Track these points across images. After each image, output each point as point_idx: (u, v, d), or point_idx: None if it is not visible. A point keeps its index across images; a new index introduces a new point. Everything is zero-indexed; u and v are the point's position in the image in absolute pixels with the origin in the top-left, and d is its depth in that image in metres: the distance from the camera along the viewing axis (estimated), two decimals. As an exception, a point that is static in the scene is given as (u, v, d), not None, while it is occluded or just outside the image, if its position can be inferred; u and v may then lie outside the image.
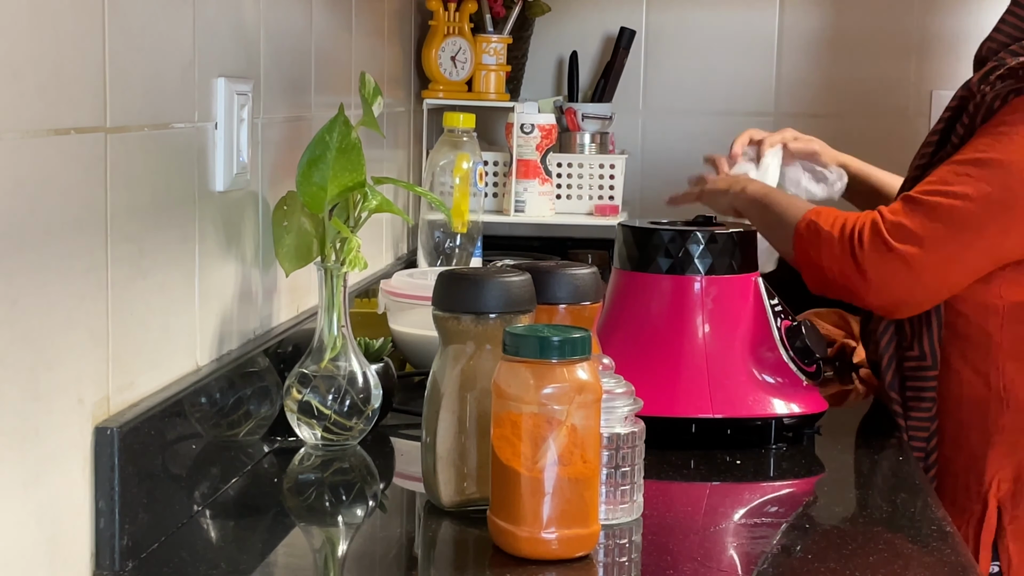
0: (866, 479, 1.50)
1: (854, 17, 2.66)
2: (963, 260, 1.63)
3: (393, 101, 2.29)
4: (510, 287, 1.26)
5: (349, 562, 1.23)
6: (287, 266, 1.47)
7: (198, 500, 1.27)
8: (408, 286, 1.80)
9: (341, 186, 1.42)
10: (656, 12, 2.73)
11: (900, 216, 1.63)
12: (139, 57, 1.17)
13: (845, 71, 2.66)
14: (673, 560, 1.20)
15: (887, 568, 1.19)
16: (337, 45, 1.87)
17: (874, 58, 2.65)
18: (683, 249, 1.59)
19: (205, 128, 1.34)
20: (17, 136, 0.96)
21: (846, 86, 2.66)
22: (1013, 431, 1.68)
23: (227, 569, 1.16)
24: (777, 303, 1.62)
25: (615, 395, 1.26)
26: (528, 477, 1.14)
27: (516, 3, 2.52)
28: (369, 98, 1.51)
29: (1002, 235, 1.62)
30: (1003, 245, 1.63)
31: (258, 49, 1.49)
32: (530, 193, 2.45)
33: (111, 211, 1.12)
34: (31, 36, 0.97)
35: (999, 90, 1.64)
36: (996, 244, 1.62)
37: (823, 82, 2.66)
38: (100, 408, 1.11)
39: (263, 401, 1.45)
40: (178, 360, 1.29)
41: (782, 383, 1.58)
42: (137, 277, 1.18)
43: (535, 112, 2.45)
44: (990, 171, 1.61)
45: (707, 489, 1.47)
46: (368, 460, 1.48)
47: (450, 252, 2.15)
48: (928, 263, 1.62)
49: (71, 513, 1.07)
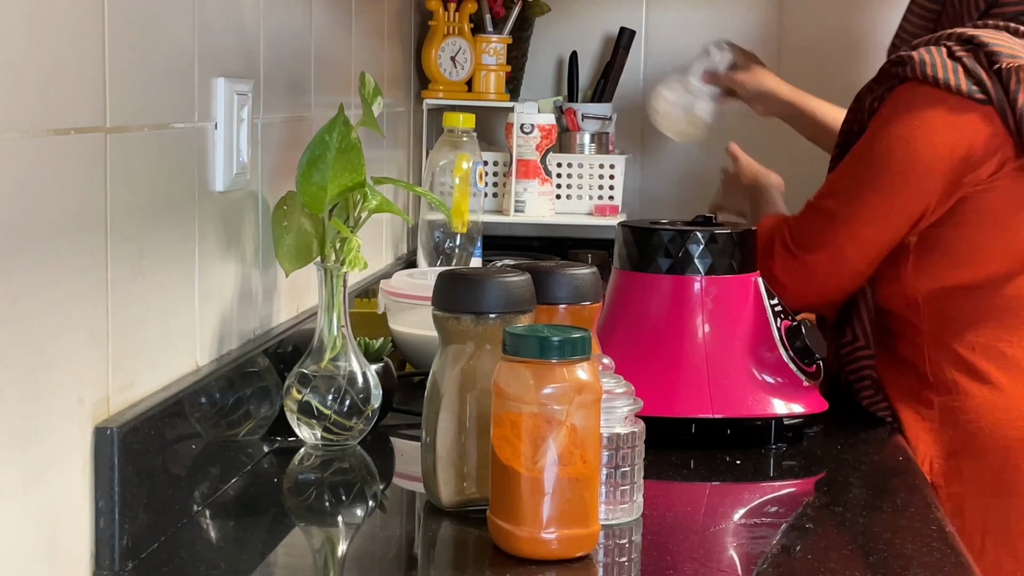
0: (866, 479, 1.50)
1: (855, 17, 2.66)
2: (854, 251, 1.74)
3: (393, 101, 2.29)
4: (510, 287, 1.26)
5: (349, 562, 1.23)
6: (287, 266, 1.47)
7: (198, 500, 1.27)
8: (408, 286, 1.80)
9: (341, 186, 1.42)
10: (656, 12, 2.73)
11: (799, 223, 1.79)
12: (139, 57, 1.17)
13: (846, 72, 2.66)
14: (673, 560, 1.20)
15: (887, 568, 1.19)
16: (337, 45, 1.87)
17: (874, 59, 2.65)
18: (683, 249, 1.59)
19: (205, 128, 1.34)
20: (17, 136, 0.96)
21: (847, 87, 2.66)
22: (942, 410, 1.72)
23: (227, 569, 1.16)
24: (777, 303, 1.62)
25: (615, 395, 1.26)
26: (528, 477, 1.14)
27: (516, 3, 2.52)
28: (369, 98, 1.51)
29: (883, 218, 1.72)
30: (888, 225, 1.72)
31: (258, 49, 1.49)
32: (530, 193, 2.45)
33: (111, 211, 1.12)
34: (31, 36, 0.97)
35: (878, 94, 1.74)
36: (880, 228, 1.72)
37: (823, 83, 2.65)
38: (100, 408, 1.11)
39: (263, 401, 1.45)
40: (178, 360, 1.29)
41: (782, 383, 1.58)
42: (137, 277, 1.18)
43: (535, 112, 2.45)
44: (866, 164, 1.72)
45: (707, 489, 1.47)
46: (368, 460, 1.48)
47: (450, 252, 2.15)
48: (823, 262, 1.75)
49: (71, 513, 1.07)
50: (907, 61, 1.69)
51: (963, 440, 1.70)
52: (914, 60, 1.68)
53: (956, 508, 1.69)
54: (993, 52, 1.66)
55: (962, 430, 1.71)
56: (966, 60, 1.66)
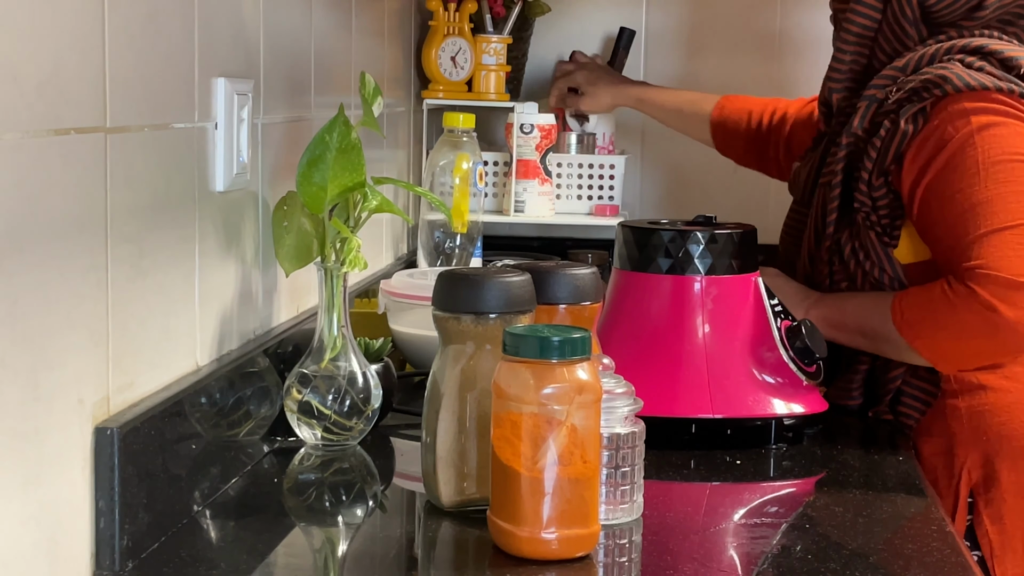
0: (866, 479, 1.50)
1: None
2: None
3: (393, 101, 2.29)
4: (510, 287, 1.26)
5: (349, 562, 1.23)
6: (287, 266, 1.47)
7: (198, 500, 1.27)
8: (408, 286, 1.80)
9: (341, 186, 1.42)
10: (656, 12, 2.73)
11: (1004, 257, 1.60)
12: (139, 57, 1.17)
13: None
14: (673, 560, 1.20)
15: (887, 568, 1.20)
16: (337, 45, 1.87)
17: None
18: (683, 249, 1.59)
19: (205, 128, 1.34)
20: (17, 136, 0.96)
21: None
22: (970, 416, 1.70)
23: (227, 569, 1.16)
24: (777, 303, 1.62)
25: (615, 395, 1.26)
26: (528, 477, 1.14)
27: (516, 3, 2.52)
28: (369, 98, 1.51)
29: None
30: None
31: (258, 49, 1.49)
32: (530, 193, 2.45)
33: (111, 211, 1.12)
34: (31, 36, 0.97)
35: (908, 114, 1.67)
36: None
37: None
38: (100, 408, 1.11)
39: (263, 401, 1.45)
40: (178, 360, 1.29)
41: (782, 383, 1.58)
42: (137, 277, 1.18)
43: (535, 112, 2.45)
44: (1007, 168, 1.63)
45: (707, 489, 1.47)
46: (368, 460, 1.48)
47: (450, 252, 2.15)
48: None
49: (71, 513, 1.07)
50: (940, 82, 1.65)
51: (997, 444, 1.69)
52: (949, 79, 1.65)
53: (995, 513, 1.68)
54: (1009, 58, 1.68)
55: (995, 433, 1.69)
56: (988, 68, 1.67)
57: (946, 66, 1.68)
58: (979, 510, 1.69)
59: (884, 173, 1.70)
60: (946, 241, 1.66)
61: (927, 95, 1.67)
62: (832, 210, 1.76)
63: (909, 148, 1.68)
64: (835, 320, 1.75)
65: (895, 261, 1.72)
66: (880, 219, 1.72)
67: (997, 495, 1.68)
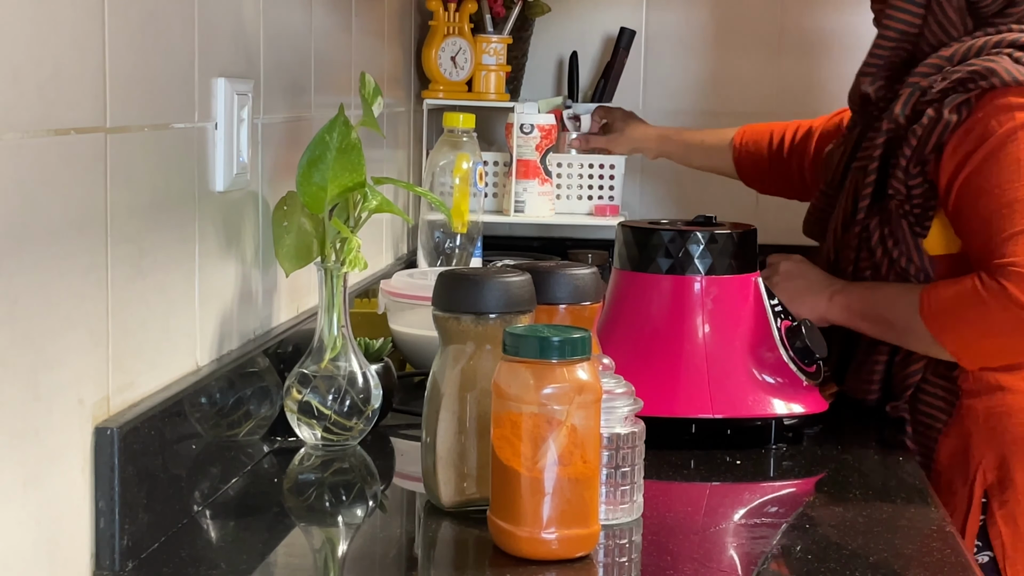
0: (866, 479, 1.50)
1: (856, 17, 2.66)
2: None
3: (393, 101, 2.29)
4: (510, 287, 1.26)
5: (349, 562, 1.23)
6: (287, 266, 1.47)
7: (198, 500, 1.27)
8: (408, 286, 1.80)
9: (341, 186, 1.42)
10: (656, 12, 2.73)
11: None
12: (139, 57, 1.17)
13: (847, 72, 2.65)
14: (673, 560, 1.20)
15: (887, 568, 1.19)
16: (337, 45, 1.87)
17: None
18: (683, 249, 1.59)
19: (205, 128, 1.34)
20: (17, 136, 0.96)
21: (845, 86, 2.66)
22: (988, 417, 1.69)
23: (227, 569, 1.16)
24: (777, 303, 1.62)
25: (615, 395, 1.26)
26: (528, 477, 1.14)
27: (516, 3, 2.52)
28: (369, 98, 1.51)
29: None
30: None
31: (258, 49, 1.49)
32: (530, 193, 2.45)
33: (111, 211, 1.12)
34: (31, 36, 0.97)
35: (952, 104, 1.66)
36: None
37: (825, 83, 2.66)
38: (100, 408, 1.11)
39: (263, 401, 1.45)
40: (178, 360, 1.29)
41: (782, 383, 1.58)
42: (137, 277, 1.18)
43: (535, 112, 2.45)
44: None
45: (707, 489, 1.47)
46: (368, 460, 1.48)
47: (450, 252, 2.15)
48: None
49: (71, 513, 1.07)
50: (988, 74, 1.64)
51: (1013, 446, 1.68)
52: (997, 72, 1.64)
53: (1009, 515, 1.67)
54: None
55: (1012, 435, 1.68)
56: None
57: (994, 59, 1.66)
58: (992, 511, 1.68)
59: (922, 162, 1.69)
60: (980, 236, 1.65)
61: (973, 86, 1.66)
62: (865, 196, 1.75)
63: (951, 139, 1.67)
64: (859, 309, 1.74)
65: (923, 251, 1.71)
66: (913, 208, 1.71)
67: (1012, 496, 1.67)
